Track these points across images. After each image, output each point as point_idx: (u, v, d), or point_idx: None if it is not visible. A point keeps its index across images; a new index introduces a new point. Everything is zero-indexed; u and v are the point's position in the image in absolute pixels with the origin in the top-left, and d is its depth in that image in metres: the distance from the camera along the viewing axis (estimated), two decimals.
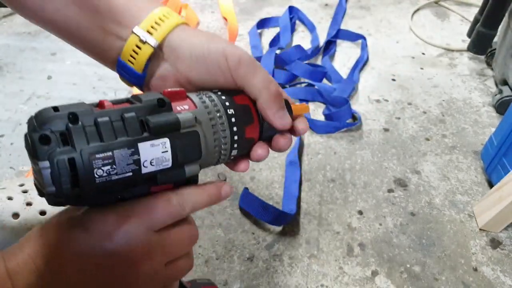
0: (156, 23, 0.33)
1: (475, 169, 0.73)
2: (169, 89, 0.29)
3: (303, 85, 0.91)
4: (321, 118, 0.83)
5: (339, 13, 1.17)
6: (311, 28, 1.10)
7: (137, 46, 0.33)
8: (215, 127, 0.30)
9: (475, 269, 0.58)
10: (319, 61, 0.99)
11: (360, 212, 0.65)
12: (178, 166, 0.28)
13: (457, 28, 1.15)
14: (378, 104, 0.87)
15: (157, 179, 0.28)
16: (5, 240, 0.55)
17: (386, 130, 0.81)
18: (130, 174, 0.26)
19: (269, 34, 1.09)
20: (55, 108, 0.25)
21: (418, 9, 1.22)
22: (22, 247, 0.27)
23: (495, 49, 0.93)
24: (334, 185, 0.69)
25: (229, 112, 0.31)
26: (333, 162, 0.73)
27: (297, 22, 1.14)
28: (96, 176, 0.25)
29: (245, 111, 0.32)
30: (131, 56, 0.34)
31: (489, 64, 0.99)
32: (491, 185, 0.69)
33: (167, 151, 0.27)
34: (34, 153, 0.24)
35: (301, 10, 1.15)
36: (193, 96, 0.31)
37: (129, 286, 0.28)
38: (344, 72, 0.95)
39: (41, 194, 0.26)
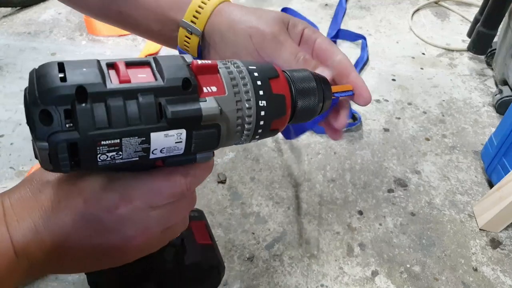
0: (196, 11, 0.36)
1: (475, 169, 0.73)
2: (200, 62, 0.26)
3: None
4: None
5: (339, 13, 1.16)
6: None
7: (187, 37, 0.37)
8: (241, 119, 0.27)
9: (475, 269, 0.58)
10: None
11: (360, 212, 0.65)
12: (189, 154, 0.26)
13: (457, 28, 1.15)
14: (378, 104, 0.87)
15: (165, 162, 0.26)
16: None
17: (386, 130, 0.81)
18: (137, 159, 0.24)
19: None
20: (61, 70, 0.22)
21: (418, 9, 1.22)
22: (22, 213, 0.27)
23: (495, 49, 0.93)
24: (334, 185, 0.69)
25: (260, 104, 0.27)
26: (333, 162, 0.73)
27: None
28: (99, 160, 0.23)
29: (278, 103, 0.28)
30: (185, 45, 0.38)
31: (489, 64, 0.99)
32: (491, 185, 0.69)
33: (181, 141, 0.24)
34: (32, 130, 0.21)
35: (298, 11, 1.15)
36: (225, 73, 0.26)
37: (124, 255, 0.28)
38: None
39: (37, 157, 0.23)
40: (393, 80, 0.94)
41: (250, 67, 0.28)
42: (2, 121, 0.78)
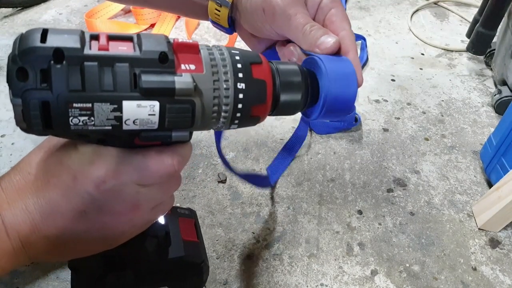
0: None
1: (474, 169, 0.73)
2: (181, 40, 0.26)
3: None
4: None
5: None
6: None
7: (217, 9, 0.38)
8: (218, 99, 0.27)
9: (474, 269, 0.58)
10: None
11: (360, 212, 0.65)
12: (164, 130, 0.26)
13: (456, 29, 1.15)
14: (378, 104, 0.87)
15: (140, 137, 0.26)
16: None
17: (385, 130, 0.81)
18: (110, 128, 0.24)
19: None
20: (44, 35, 0.23)
21: (417, 10, 1.22)
22: (16, 195, 0.27)
23: (494, 49, 0.93)
24: (334, 185, 0.69)
25: (238, 87, 0.27)
26: (332, 162, 0.73)
27: None
28: (71, 123, 0.23)
29: (258, 88, 0.28)
30: (215, 17, 0.39)
31: (488, 65, 0.99)
32: (490, 184, 0.69)
33: (154, 114, 0.24)
34: (9, 85, 0.23)
35: None
36: (205, 53, 0.27)
37: (114, 234, 0.29)
38: None
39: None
40: (393, 80, 0.94)
41: (233, 51, 0.28)
42: (3, 121, 0.79)
